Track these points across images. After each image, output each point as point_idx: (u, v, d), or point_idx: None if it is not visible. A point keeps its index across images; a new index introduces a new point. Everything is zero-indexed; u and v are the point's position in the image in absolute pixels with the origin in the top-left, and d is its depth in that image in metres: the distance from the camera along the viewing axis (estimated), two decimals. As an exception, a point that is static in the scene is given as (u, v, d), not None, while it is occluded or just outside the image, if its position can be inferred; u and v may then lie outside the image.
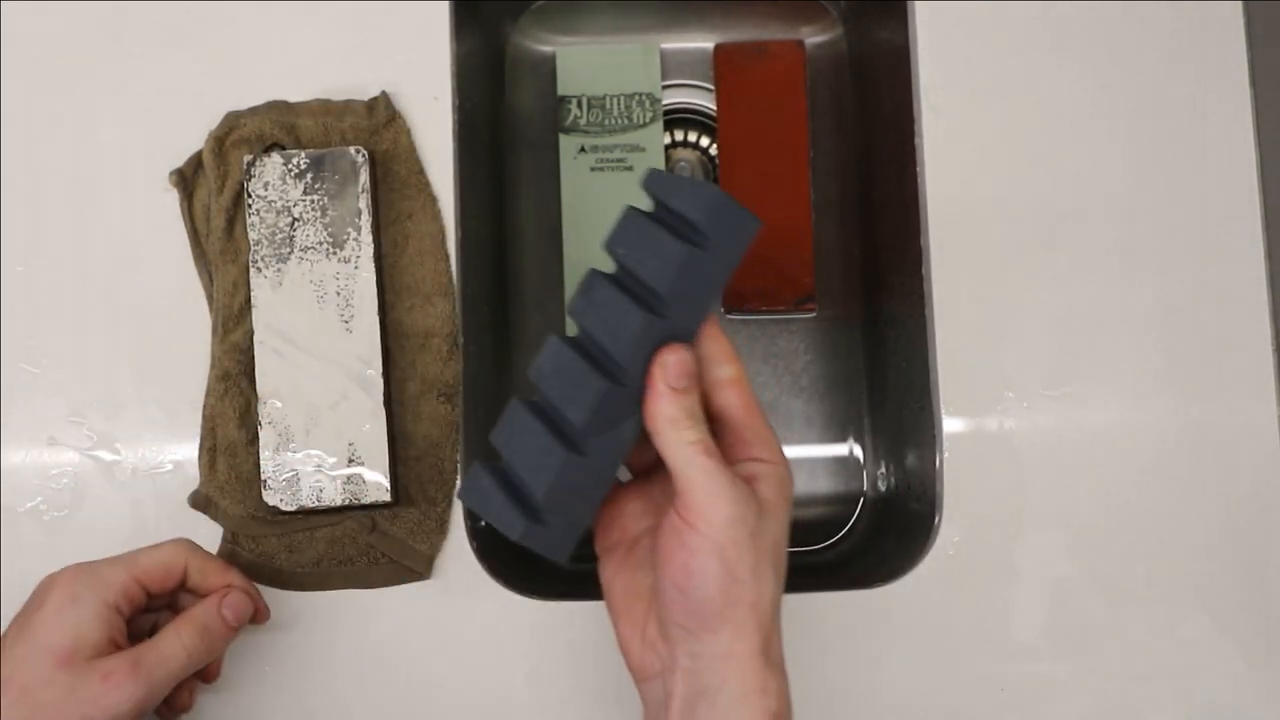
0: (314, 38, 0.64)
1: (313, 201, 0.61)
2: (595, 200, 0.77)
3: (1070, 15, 0.65)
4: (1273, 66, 0.63)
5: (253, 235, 0.61)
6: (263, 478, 0.60)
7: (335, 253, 0.61)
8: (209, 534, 0.61)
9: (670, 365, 0.46)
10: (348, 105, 0.63)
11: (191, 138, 0.63)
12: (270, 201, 0.61)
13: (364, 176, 0.61)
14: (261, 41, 0.64)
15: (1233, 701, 0.61)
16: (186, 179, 0.63)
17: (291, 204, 0.61)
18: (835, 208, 0.79)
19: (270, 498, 0.60)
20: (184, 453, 0.62)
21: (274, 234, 0.61)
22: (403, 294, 0.63)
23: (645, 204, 0.51)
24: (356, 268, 0.61)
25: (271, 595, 0.61)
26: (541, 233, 0.78)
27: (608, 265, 0.54)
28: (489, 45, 0.76)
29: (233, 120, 0.63)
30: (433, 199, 0.63)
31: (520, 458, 0.47)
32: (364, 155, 0.61)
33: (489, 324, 0.72)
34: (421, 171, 0.63)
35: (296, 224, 0.61)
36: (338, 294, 0.60)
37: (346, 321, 0.60)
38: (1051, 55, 0.64)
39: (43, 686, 0.50)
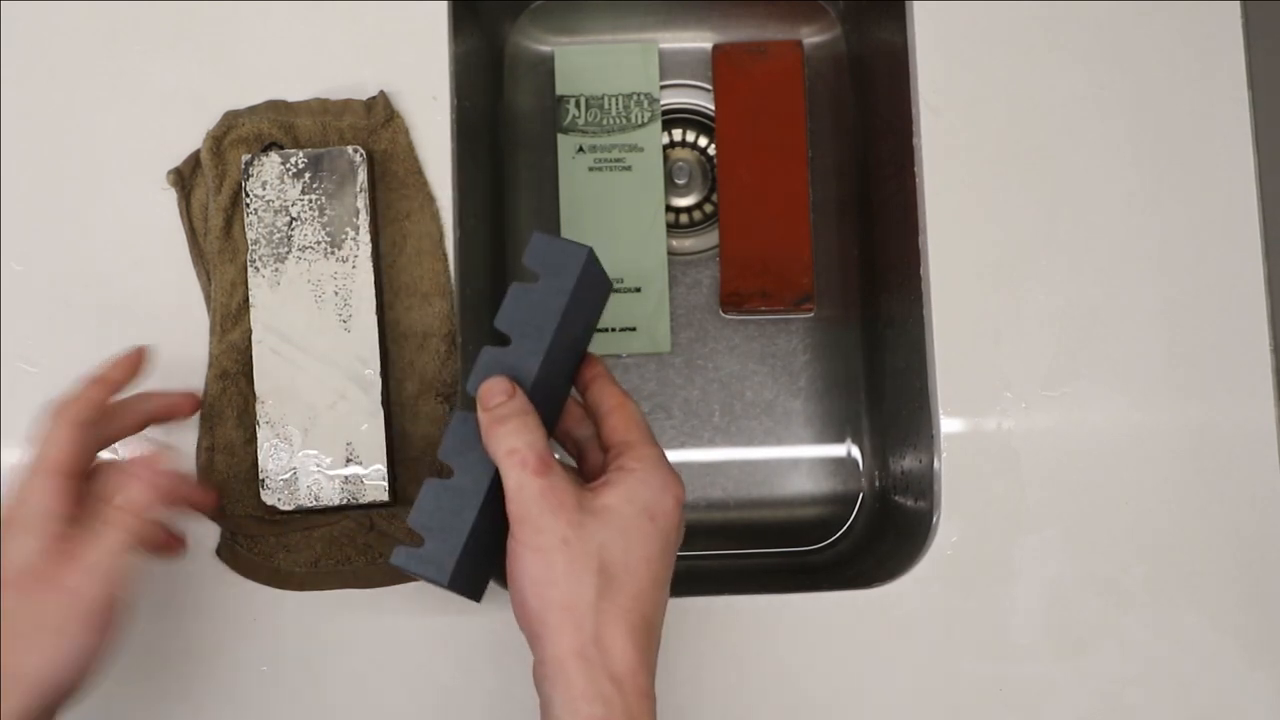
0: (312, 37, 0.64)
1: (311, 201, 0.61)
2: (593, 200, 0.77)
3: (1069, 16, 0.65)
4: (1271, 67, 0.64)
5: (250, 234, 0.61)
6: (260, 477, 0.60)
7: (333, 252, 0.61)
8: (207, 532, 0.61)
9: (482, 390, 0.49)
10: (346, 105, 0.63)
11: (190, 137, 0.63)
12: (268, 201, 0.61)
13: (362, 176, 0.61)
14: (260, 41, 0.64)
15: (1230, 702, 0.61)
16: (184, 178, 0.63)
17: (289, 203, 0.61)
18: (834, 208, 0.79)
19: (268, 497, 0.60)
20: (181, 452, 0.62)
21: (272, 233, 0.60)
22: (401, 294, 0.63)
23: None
24: (354, 267, 0.61)
25: (269, 595, 0.61)
26: (540, 232, 0.78)
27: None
28: (488, 45, 0.76)
29: (231, 120, 0.63)
30: (431, 198, 0.63)
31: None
32: (362, 155, 0.61)
33: (487, 324, 0.72)
34: (420, 171, 0.63)
35: (294, 223, 0.61)
36: (336, 294, 0.60)
37: (344, 321, 0.60)
38: (1050, 56, 0.64)
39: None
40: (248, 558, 0.61)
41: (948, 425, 0.62)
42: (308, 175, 0.61)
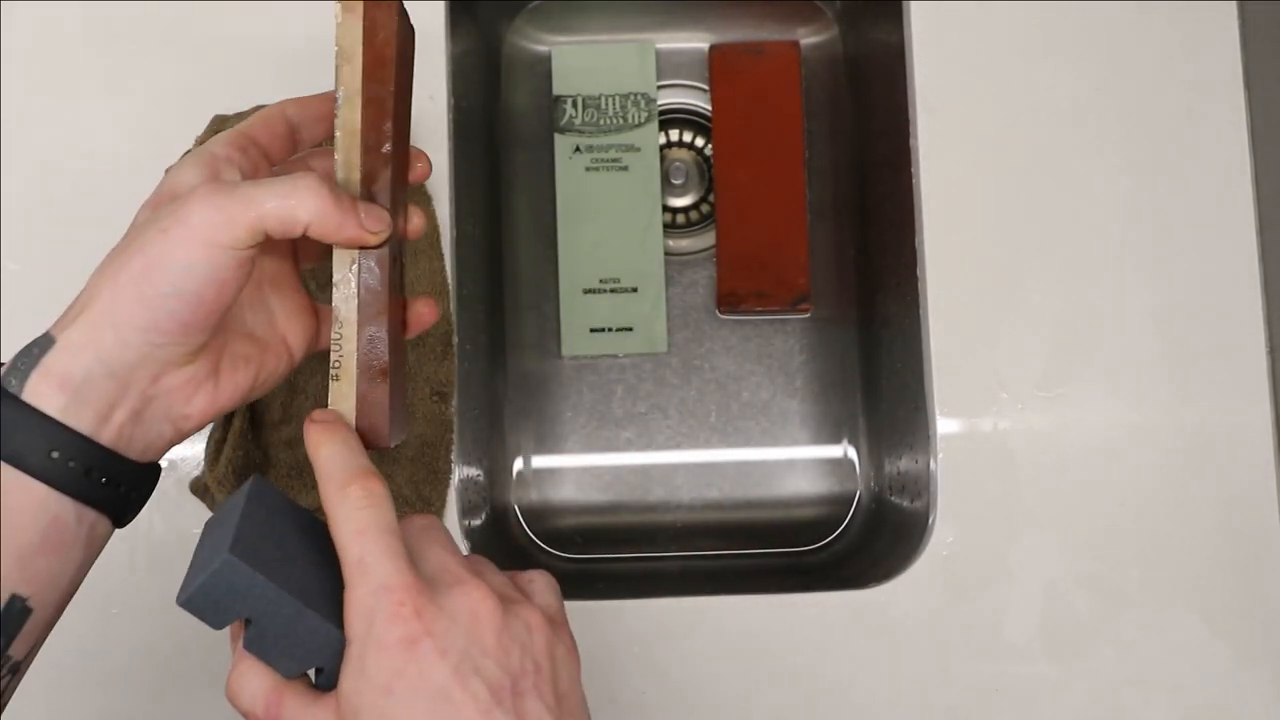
0: (310, 37, 0.64)
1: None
2: (590, 200, 0.77)
3: (1065, 17, 0.65)
4: (1267, 68, 0.64)
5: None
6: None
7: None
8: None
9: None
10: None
11: (187, 136, 0.63)
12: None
13: (341, 36, 0.47)
14: (257, 41, 0.64)
15: (1225, 702, 0.61)
16: (181, 177, 0.62)
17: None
18: (830, 208, 0.79)
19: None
20: (178, 450, 0.62)
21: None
22: (398, 293, 0.63)
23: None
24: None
25: (265, 594, 0.61)
26: (536, 232, 0.78)
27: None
28: (484, 45, 0.76)
29: (218, 124, 0.62)
30: (428, 198, 0.63)
31: None
32: (347, 11, 0.47)
33: (484, 323, 0.72)
34: (417, 171, 0.63)
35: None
36: None
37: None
38: (1047, 57, 0.64)
39: (134, 228, 0.43)
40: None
41: (944, 426, 0.62)
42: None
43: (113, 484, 0.42)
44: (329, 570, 0.40)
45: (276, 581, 0.39)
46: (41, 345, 0.41)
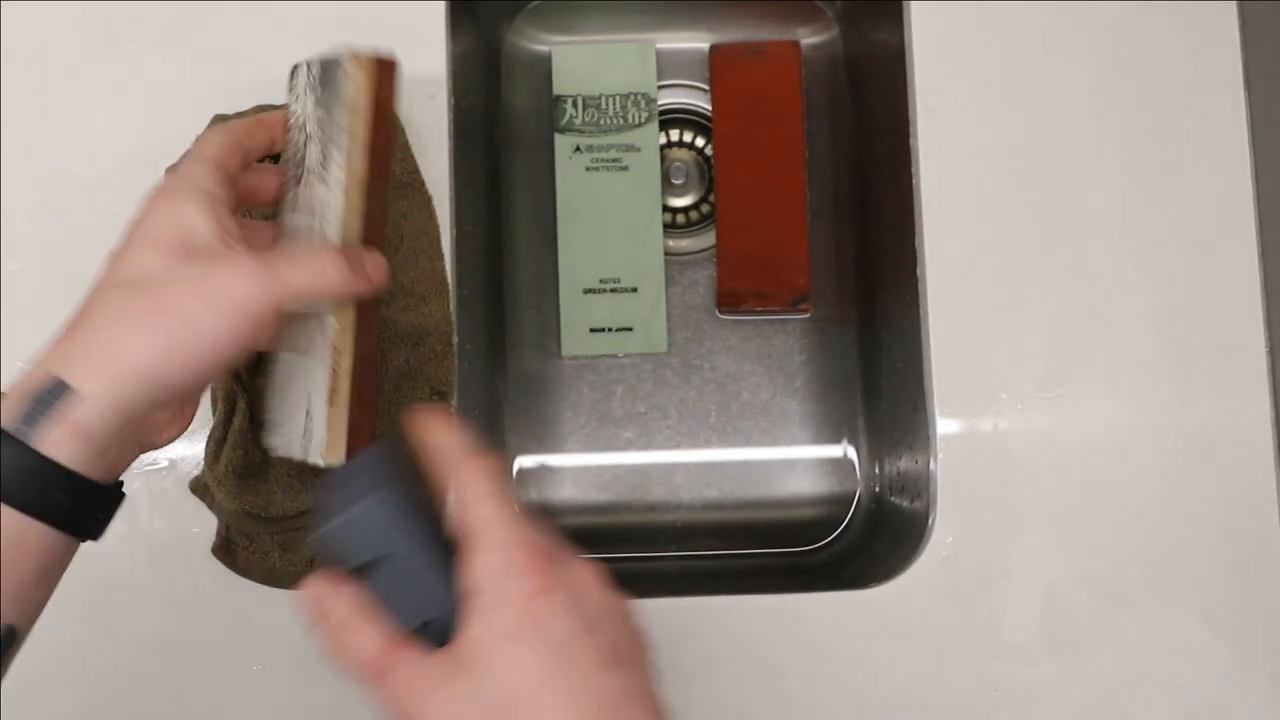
0: (310, 36, 0.64)
1: (317, 117, 0.53)
2: (590, 200, 0.77)
3: (1066, 17, 0.65)
4: (1267, 68, 0.64)
5: (283, 156, 0.54)
6: (267, 415, 0.54)
7: (323, 176, 0.52)
8: (204, 531, 0.61)
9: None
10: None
11: (188, 135, 0.63)
12: (296, 115, 0.54)
13: (351, 87, 0.51)
14: (257, 40, 0.64)
15: (1225, 702, 0.61)
16: (181, 177, 0.62)
17: (306, 119, 0.53)
18: (830, 209, 0.79)
19: (268, 438, 0.54)
20: (178, 450, 0.62)
21: (295, 153, 0.53)
22: (398, 293, 0.63)
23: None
24: (332, 192, 0.51)
25: (266, 594, 0.61)
26: (537, 231, 0.78)
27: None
28: (485, 44, 0.76)
29: (217, 124, 0.62)
30: (428, 198, 0.63)
31: None
32: (362, 64, 0.51)
33: (484, 323, 0.72)
34: (417, 170, 0.63)
35: (308, 141, 0.52)
36: (323, 220, 0.51)
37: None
38: (1047, 57, 0.64)
39: (150, 275, 0.44)
40: (244, 557, 0.61)
41: (944, 426, 0.62)
42: (319, 86, 0.53)
43: (99, 511, 0.45)
44: (439, 534, 0.42)
45: (407, 532, 0.41)
46: (57, 394, 0.42)
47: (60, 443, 0.42)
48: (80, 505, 0.43)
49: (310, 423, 0.51)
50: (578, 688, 0.38)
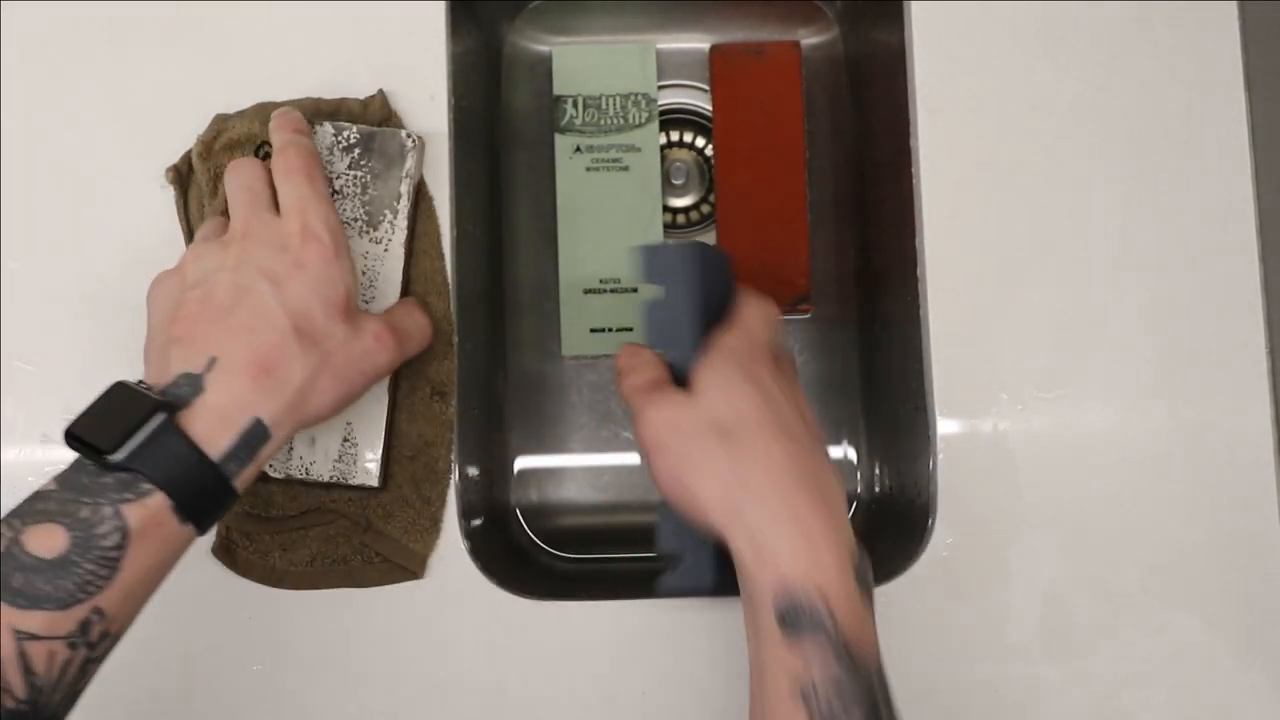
0: (310, 36, 0.64)
1: (355, 177, 0.60)
2: (591, 200, 0.77)
3: (1066, 17, 0.65)
4: (1268, 68, 0.64)
5: None
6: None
7: (368, 232, 0.60)
8: (202, 532, 0.61)
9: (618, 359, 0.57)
10: (341, 103, 0.63)
11: (188, 135, 0.63)
12: None
13: (410, 162, 0.61)
14: (257, 40, 0.64)
15: (1225, 703, 0.61)
16: (182, 175, 0.63)
17: (335, 175, 0.60)
18: (831, 209, 0.79)
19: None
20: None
21: None
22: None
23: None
24: (386, 250, 0.60)
25: (265, 594, 0.61)
26: (537, 232, 0.78)
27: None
28: (485, 45, 0.76)
29: (220, 123, 0.62)
30: (428, 198, 0.63)
31: None
32: (414, 140, 0.61)
33: (484, 323, 0.72)
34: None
35: (336, 196, 0.60)
36: (364, 273, 0.60)
37: (367, 303, 0.60)
38: (1047, 57, 0.64)
39: (325, 336, 0.51)
40: (244, 556, 0.61)
41: (944, 427, 0.62)
42: (357, 151, 0.60)
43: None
44: (710, 316, 0.55)
45: (694, 289, 0.55)
46: (261, 438, 0.49)
47: (247, 477, 0.50)
48: (221, 514, 0.50)
49: (353, 447, 0.60)
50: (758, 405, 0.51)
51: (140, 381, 0.50)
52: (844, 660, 0.46)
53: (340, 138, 0.60)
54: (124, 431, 0.46)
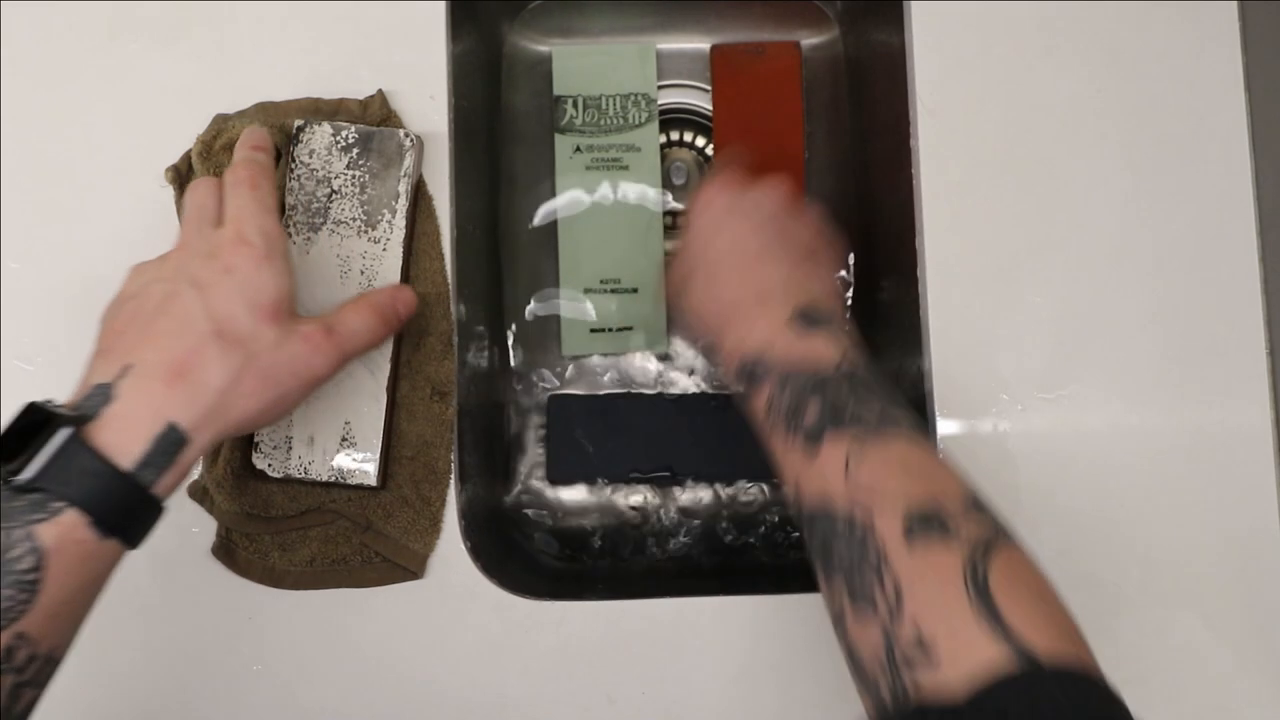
0: (310, 37, 0.64)
1: (354, 177, 0.61)
2: (590, 200, 0.77)
3: (1066, 17, 0.65)
4: (1268, 68, 0.64)
5: (289, 200, 0.60)
6: (255, 440, 0.60)
7: (367, 231, 0.61)
8: (203, 531, 0.61)
9: None
10: (341, 103, 0.63)
11: (187, 135, 0.63)
12: (313, 170, 0.60)
13: (409, 161, 0.61)
14: (257, 40, 0.64)
15: (1225, 704, 0.61)
16: (182, 175, 0.63)
17: (333, 175, 0.61)
18: (830, 209, 0.78)
19: (259, 461, 0.59)
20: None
21: (310, 202, 0.60)
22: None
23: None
24: (385, 249, 0.61)
25: (264, 594, 0.61)
26: (537, 231, 0.78)
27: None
28: (485, 45, 0.76)
29: (220, 123, 0.62)
30: (428, 197, 0.63)
31: None
32: (413, 140, 0.61)
33: (484, 323, 0.72)
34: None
35: (334, 196, 0.61)
36: (362, 272, 0.60)
37: None
38: (1047, 57, 0.64)
39: (250, 338, 0.50)
40: (244, 556, 0.61)
41: (944, 427, 0.62)
42: (355, 151, 0.61)
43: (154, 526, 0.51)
44: None
45: None
46: (178, 443, 0.48)
47: (168, 485, 0.48)
48: (151, 525, 0.48)
49: (351, 447, 0.60)
50: (734, 246, 0.60)
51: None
52: (791, 379, 0.54)
53: (338, 138, 0.61)
54: (30, 450, 0.45)
